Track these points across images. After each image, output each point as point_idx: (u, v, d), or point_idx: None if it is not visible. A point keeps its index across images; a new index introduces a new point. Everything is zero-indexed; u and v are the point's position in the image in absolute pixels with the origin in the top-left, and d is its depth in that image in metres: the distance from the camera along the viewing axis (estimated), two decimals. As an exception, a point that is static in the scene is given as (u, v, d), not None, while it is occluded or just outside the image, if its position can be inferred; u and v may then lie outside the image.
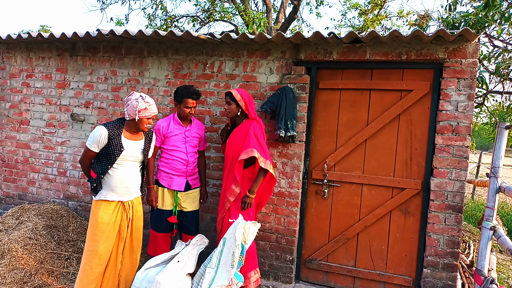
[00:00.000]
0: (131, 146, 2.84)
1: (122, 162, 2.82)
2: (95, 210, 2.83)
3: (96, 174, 2.81)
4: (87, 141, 2.79)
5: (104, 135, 2.74)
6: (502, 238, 2.63)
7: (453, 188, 3.11)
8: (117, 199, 2.85)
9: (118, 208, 2.85)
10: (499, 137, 2.75)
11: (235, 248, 2.81)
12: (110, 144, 2.75)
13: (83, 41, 4.22)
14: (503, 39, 5.36)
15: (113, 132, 2.77)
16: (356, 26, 10.88)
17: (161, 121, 3.40)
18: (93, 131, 2.78)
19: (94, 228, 2.80)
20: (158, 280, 2.69)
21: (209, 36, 3.54)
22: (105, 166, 2.79)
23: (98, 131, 2.75)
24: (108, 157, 2.78)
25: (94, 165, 2.85)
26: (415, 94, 3.26)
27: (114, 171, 2.80)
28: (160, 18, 10.62)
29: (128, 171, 2.85)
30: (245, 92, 3.22)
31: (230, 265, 2.79)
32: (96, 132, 2.75)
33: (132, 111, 2.74)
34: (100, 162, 2.82)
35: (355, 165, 3.48)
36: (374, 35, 3.06)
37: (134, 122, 2.79)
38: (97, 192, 2.83)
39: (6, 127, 4.72)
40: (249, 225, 2.87)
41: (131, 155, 2.84)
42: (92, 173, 2.84)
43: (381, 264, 3.44)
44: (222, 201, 3.24)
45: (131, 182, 2.88)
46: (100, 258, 2.79)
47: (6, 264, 3.27)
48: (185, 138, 3.36)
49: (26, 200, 4.63)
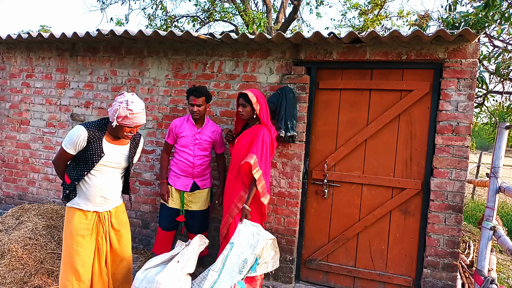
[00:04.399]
0: (113, 151, 2.53)
1: (101, 168, 2.51)
2: (68, 218, 2.55)
3: (70, 179, 2.51)
4: (63, 141, 2.47)
5: (83, 136, 2.42)
6: (502, 238, 2.63)
7: (453, 188, 3.11)
8: (93, 209, 2.55)
9: (94, 219, 2.56)
10: (499, 137, 2.75)
11: (249, 256, 2.77)
12: (89, 148, 2.44)
13: (83, 41, 4.22)
14: (503, 39, 5.36)
15: (93, 134, 2.45)
16: (356, 26, 10.88)
17: (176, 120, 3.44)
18: (71, 131, 2.46)
19: (70, 241, 2.51)
20: (158, 280, 2.68)
21: (209, 36, 3.54)
22: (81, 172, 2.49)
23: (77, 131, 2.43)
24: (85, 162, 2.47)
25: (70, 169, 2.55)
26: (415, 94, 3.26)
27: (91, 178, 2.50)
28: (160, 18, 10.63)
29: (107, 179, 2.55)
30: (261, 94, 3.10)
31: (238, 270, 2.75)
32: (74, 133, 2.43)
33: (112, 116, 2.42)
34: (76, 166, 2.52)
35: (355, 165, 3.48)
36: (374, 35, 3.07)
37: (115, 128, 2.48)
38: (69, 200, 2.54)
39: (6, 127, 4.73)
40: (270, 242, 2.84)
41: (112, 161, 2.53)
42: (66, 178, 2.54)
43: (381, 264, 3.44)
44: (228, 205, 3.14)
45: (110, 191, 2.58)
46: (80, 276, 2.51)
47: (6, 264, 3.27)
48: (195, 140, 3.32)
49: (26, 200, 4.63)
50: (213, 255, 3.45)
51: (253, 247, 2.78)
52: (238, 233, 2.87)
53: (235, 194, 3.09)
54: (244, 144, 3.10)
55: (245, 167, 2.98)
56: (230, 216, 3.07)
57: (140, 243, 4.14)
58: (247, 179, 3.02)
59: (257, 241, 2.78)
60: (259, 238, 2.79)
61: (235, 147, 3.20)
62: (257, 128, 3.09)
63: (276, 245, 2.95)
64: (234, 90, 3.75)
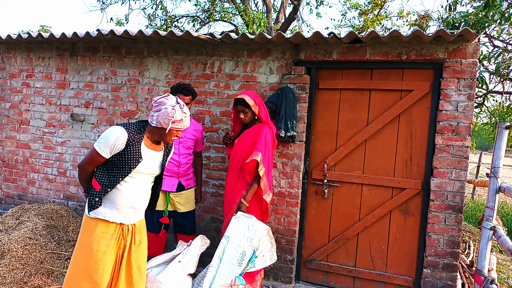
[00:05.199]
0: (150, 157, 2.32)
1: (136, 175, 2.29)
2: (89, 230, 2.26)
3: (101, 186, 2.25)
4: (97, 143, 2.22)
5: (122, 139, 2.20)
6: (502, 238, 2.63)
7: (453, 188, 3.11)
8: (119, 220, 2.29)
9: (117, 232, 2.30)
10: (499, 137, 2.75)
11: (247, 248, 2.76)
12: (127, 152, 2.22)
13: (83, 41, 4.22)
14: (503, 39, 5.37)
15: (133, 137, 2.24)
16: (356, 26, 10.88)
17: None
18: (108, 132, 2.21)
19: (88, 256, 2.22)
20: (159, 280, 2.69)
21: (209, 36, 3.54)
22: (115, 178, 2.25)
23: (116, 133, 2.20)
24: (120, 167, 2.24)
25: (100, 174, 2.29)
26: (415, 94, 3.26)
27: (123, 185, 2.27)
28: (160, 18, 10.64)
29: (140, 187, 2.34)
30: (257, 96, 3.09)
31: (237, 263, 2.74)
32: (112, 134, 2.19)
33: (165, 119, 2.22)
34: (107, 171, 2.27)
35: (355, 165, 3.48)
36: (374, 35, 3.07)
37: (161, 131, 2.29)
38: (94, 208, 2.26)
39: (6, 127, 4.73)
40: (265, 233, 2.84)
41: (148, 167, 2.32)
42: (95, 184, 2.28)
43: (381, 264, 3.44)
44: (230, 205, 3.13)
45: (141, 201, 2.37)
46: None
47: (6, 264, 3.27)
48: (179, 138, 3.25)
49: (26, 200, 4.63)
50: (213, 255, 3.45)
51: (250, 239, 2.78)
52: (233, 226, 2.85)
53: (237, 194, 3.08)
54: (246, 144, 3.09)
55: (249, 165, 2.97)
56: (232, 215, 3.07)
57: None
58: (250, 177, 3.02)
59: (254, 233, 2.79)
60: (255, 230, 2.80)
61: (235, 147, 3.19)
62: (259, 127, 3.10)
63: (272, 235, 2.95)
64: (234, 90, 3.75)
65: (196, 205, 3.58)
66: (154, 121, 2.26)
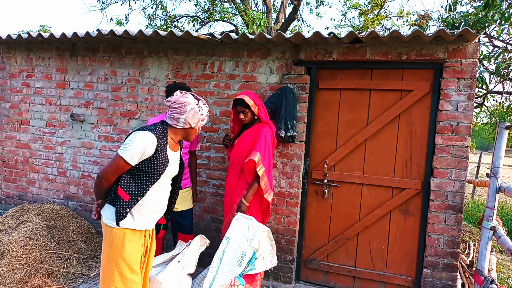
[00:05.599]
0: (173, 159, 2.25)
1: (162, 179, 2.20)
2: (117, 242, 2.12)
3: (130, 195, 2.10)
4: (123, 150, 2.06)
5: (153, 146, 2.08)
6: (502, 238, 2.63)
7: (453, 188, 3.11)
8: (145, 227, 2.21)
9: (142, 238, 2.23)
10: (499, 137, 2.75)
11: (247, 249, 2.77)
12: (155, 157, 2.11)
13: (83, 41, 4.22)
14: (503, 39, 5.37)
15: (160, 142, 2.13)
16: (356, 26, 10.88)
17: (153, 119, 3.29)
18: (137, 138, 2.06)
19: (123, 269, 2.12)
20: (158, 280, 2.69)
21: (209, 36, 3.54)
22: (144, 186, 2.12)
23: (145, 140, 2.07)
24: (148, 173, 2.13)
25: (125, 182, 2.12)
26: (415, 94, 3.26)
27: (150, 192, 2.17)
28: (160, 18, 10.64)
29: (164, 191, 2.27)
30: (256, 96, 3.10)
31: (237, 263, 2.75)
32: (142, 141, 2.06)
33: (193, 119, 2.18)
34: (135, 179, 2.13)
35: (355, 165, 3.48)
36: (374, 35, 3.07)
37: (187, 131, 2.24)
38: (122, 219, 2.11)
39: (6, 127, 4.73)
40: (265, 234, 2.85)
41: (172, 170, 2.26)
42: (122, 194, 2.11)
43: (381, 264, 3.44)
44: (230, 205, 3.13)
45: (164, 205, 2.31)
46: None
47: (6, 264, 3.27)
48: None
49: (26, 200, 4.63)
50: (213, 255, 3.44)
51: (250, 240, 2.78)
52: (233, 227, 2.86)
53: (237, 194, 3.08)
54: (247, 144, 3.09)
55: (249, 164, 2.97)
56: (232, 215, 3.06)
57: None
58: (250, 177, 3.02)
59: (254, 234, 2.79)
60: (255, 231, 2.80)
61: (236, 147, 3.19)
62: (259, 126, 3.10)
63: (272, 237, 2.95)
64: (234, 90, 3.75)
65: (195, 205, 3.57)
66: (180, 122, 2.17)
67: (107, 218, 2.15)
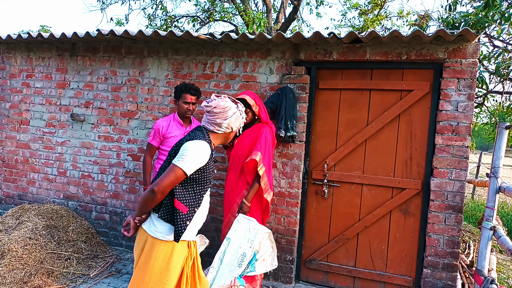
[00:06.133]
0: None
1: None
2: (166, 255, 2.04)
3: (188, 207, 2.02)
4: (181, 162, 1.97)
5: (207, 154, 2.03)
6: (502, 238, 2.63)
7: (453, 188, 3.11)
8: (192, 238, 2.14)
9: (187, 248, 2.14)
10: (499, 137, 2.75)
11: (247, 250, 2.77)
12: (208, 166, 2.06)
13: (83, 41, 4.22)
14: (503, 39, 5.37)
15: (212, 150, 2.10)
16: (356, 26, 10.88)
17: (161, 120, 3.35)
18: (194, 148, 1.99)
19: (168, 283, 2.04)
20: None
21: (209, 36, 3.54)
22: (199, 195, 2.07)
23: (203, 149, 2.01)
24: (200, 182, 2.07)
25: (180, 193, 2.02)
26: (415, 94, 3.26)
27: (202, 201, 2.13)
28: (160, 18, 10.63)
29: (208, 199, 2.23)
30: (256, 96, 3.11)
31: (237, 264, 2.75)
32: (200, 150, 1.99)
33: (236, 123, 2.16)
34: (188, 189, 2.05)
35: (355, 165, 3.48)
36: (374, 35, 3.07)
37: (228, 135, 2.20)
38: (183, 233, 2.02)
39: (6, 127, 4.73)
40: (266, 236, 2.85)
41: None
42: (179, 206, 2.01)
43: (381, 264, 3.44)
44: (230, 205, 3.13)
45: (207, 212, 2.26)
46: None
47: (6, 264, 3.27)
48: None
49: (26, 200, 4.63)
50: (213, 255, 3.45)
51: (250, 241, 2.79)
52: (234, 228, 2.87)
53: (237, 194, 3.09)
54: (247, 144, 3.10)
55: (250, 164, 2.98)
56: (232, 215, 3.07)
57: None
58: (251, 177, 3.02)
59: (255, 235, 2.79)
60: (256, 232, 2.81)
61: (235, 147, 3.19)
62: (259, 126, 3.11)
63: (273, 239, 2.95)
64: (234, 90, 3.75)
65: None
66: (222, 127, 2.13)
67: (157, 231, 2.03)
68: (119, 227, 4.22)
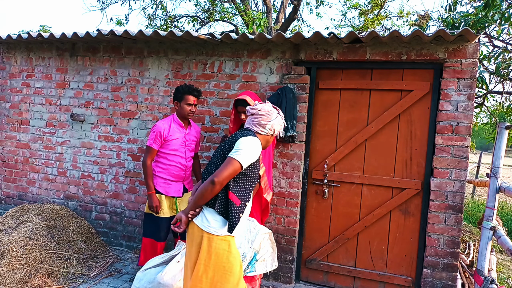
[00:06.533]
0: None
1: None
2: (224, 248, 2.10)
3: (241, 199, 2.12)
4: (238, 156, 2.07)
5: (259, 151, 2.17)
6: (502, 238, 2.63)
7: (453, 188, 3.11)
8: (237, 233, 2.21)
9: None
10: (499, 137, 2.75)
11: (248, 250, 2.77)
12: (257, 162, 2.19)
13: (83, 41, 4.22)
14: (503, 39, 5.37)
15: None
16: (356, 26, 10.88)
17: (161, 123, 3.20)
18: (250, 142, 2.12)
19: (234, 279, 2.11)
20: (158, 280, 2.69)
21: (209, 36, 3.54)
22: (249, 190, 2.18)
23: (257, 144, 2.14)
24: (251, 178, 2.19)
25: (234, 187, 2.13)
26: (415, 94, 3.26)
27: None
28: (160, 18, 10.63)
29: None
30: (256, 96, 3.11)
31: None
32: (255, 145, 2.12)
33: (277, 126, 2.28)
34: (239, 184, 2.15)
35: (355, 165, 3.48)
36: (374, 35, 3.07)
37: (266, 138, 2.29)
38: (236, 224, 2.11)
39: (6, 127, 4.73)
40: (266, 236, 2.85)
41: None
42: (233, 198, 2.10)
43: (381, 264, 3.44)
44: None
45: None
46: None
47: (6, 264, 3.27)
48: (185, 142, 3.25)
49: (26, 200, 4.63)
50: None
51: (251, 241, 2.79)
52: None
53: None
54: None
55: None
56: None
57: (140, 243, 4.14)
58: None
59: (255, 235, 2.79)
60: (256, 233, 2.80)
61: None
62: None
63: (273, 240, 2.95)
64: (234, 90, 3.75)
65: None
66: (266, 129, 2.24)
67: (210, 226, 2.09)
68: (119, 227, 4.23)
